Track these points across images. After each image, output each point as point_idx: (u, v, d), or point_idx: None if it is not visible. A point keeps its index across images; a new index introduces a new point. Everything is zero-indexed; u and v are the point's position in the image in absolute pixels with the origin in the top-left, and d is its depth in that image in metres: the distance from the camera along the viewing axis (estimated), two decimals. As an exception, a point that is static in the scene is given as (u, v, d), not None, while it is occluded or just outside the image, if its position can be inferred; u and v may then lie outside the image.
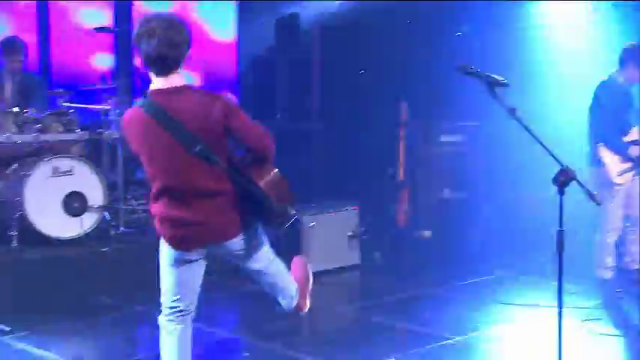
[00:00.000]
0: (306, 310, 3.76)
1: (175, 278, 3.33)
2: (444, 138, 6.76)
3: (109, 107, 6.09)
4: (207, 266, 3.42)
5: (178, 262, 3.30)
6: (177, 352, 3.38)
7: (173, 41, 3.08)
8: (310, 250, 6.15)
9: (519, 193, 6.79)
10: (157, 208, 3.26)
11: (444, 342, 4.66)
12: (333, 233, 6.34)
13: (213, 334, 4.82)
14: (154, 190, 3.25)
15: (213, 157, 3.09)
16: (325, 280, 6.06)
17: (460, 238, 6.72)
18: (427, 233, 6.32)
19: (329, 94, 8.13)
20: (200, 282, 3.41)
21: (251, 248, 3.36)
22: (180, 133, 3.07)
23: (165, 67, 3.11)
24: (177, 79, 3.15)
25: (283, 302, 3.63)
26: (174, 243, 3.27)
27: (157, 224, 3.31)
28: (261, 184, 3.17)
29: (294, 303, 3.66)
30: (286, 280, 3.62)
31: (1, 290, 4.97)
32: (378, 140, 6.91)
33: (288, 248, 6.15)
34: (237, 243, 3.27)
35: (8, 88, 6.17)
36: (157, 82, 3.15)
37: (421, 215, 6.49)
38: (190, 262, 3.31)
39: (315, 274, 5.99)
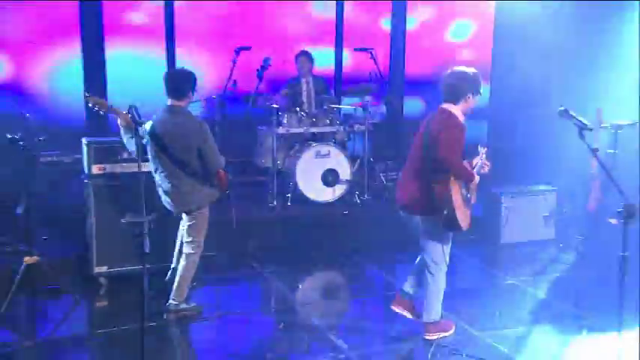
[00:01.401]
0: (427, 338, 5.06)
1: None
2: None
3: (359, 105, 8.11)
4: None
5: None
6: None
7: (459, 79, 4.72)
8: (507, 224, 7.64)
9: None
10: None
11: (581, 322, 5.58)
12: (530, 212, 7.74)
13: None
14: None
15: (429, 156, 4.70)
16: (517, 250, 7.49)
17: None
18: (614, 220, 7.20)
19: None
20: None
21: (427, 233, 4.92)
22: (425, 136, 4.78)
23: (447, 96, 4.77)
24: (451, 107, 4.73)
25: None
26: (396, 200, 5.10)
27: None
28: (435, 186, 4.70)
29: (423, 320, 5.10)
30: (430, 300, 5.03)
31: (273, 235, 7.45)
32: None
33: (489, 220, 7.70)
34: (419, 221, 4.91)
35: (303, 91, 8.48)
36: (443, 103, 4.82)
37: (613, 204, 7.30)
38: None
39: (510, 245, 7.49)
